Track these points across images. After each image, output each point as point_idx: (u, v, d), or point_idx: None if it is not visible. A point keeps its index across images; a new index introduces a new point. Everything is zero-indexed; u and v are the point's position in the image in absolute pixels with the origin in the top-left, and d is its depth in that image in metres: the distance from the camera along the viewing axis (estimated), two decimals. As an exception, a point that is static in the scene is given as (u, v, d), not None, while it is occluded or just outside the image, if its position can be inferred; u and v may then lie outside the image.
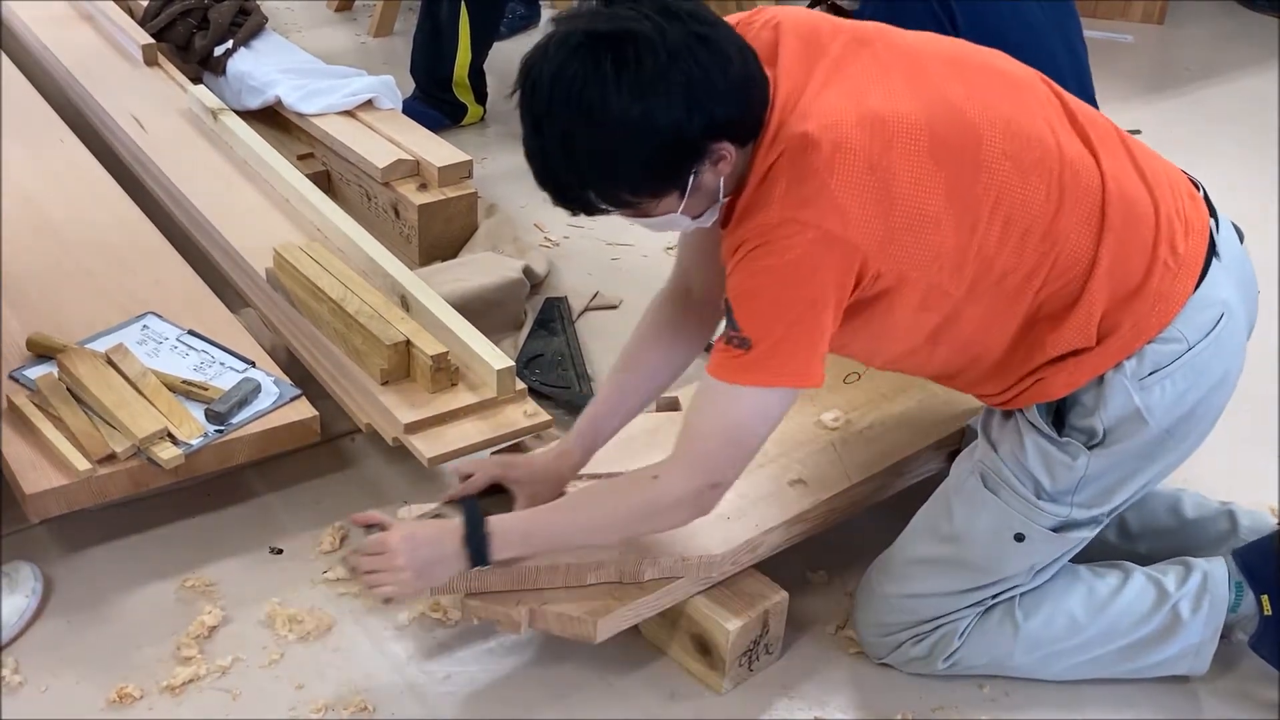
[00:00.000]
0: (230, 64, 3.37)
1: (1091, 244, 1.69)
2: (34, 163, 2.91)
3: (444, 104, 3.62)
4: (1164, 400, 1.75)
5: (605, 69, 1.51)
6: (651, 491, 1.73)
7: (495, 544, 1.78)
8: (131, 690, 1.88)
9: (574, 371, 2.61)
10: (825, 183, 1.57)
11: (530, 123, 1.61)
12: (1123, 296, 1.71)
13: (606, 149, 1.55)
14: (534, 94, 1.58)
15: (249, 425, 2.16)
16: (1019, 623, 1.91)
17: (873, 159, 1.58)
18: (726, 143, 1.58)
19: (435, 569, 1.78)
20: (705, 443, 1.70)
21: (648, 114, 1.52)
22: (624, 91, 1.51)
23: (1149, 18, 4.74)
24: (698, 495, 1.72)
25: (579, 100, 1.53)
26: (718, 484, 1.72)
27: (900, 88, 1.64)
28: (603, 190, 1.61)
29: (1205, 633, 1.91)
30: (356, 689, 1.92)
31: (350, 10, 4.49)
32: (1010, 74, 1.74)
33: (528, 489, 1.93)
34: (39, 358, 2.25)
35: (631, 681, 1.96)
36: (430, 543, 1.79)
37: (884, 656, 1.98)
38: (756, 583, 1.95)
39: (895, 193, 1.59)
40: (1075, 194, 1.68)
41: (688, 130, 1.54)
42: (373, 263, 2.50)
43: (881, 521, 2.20)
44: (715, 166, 1.60)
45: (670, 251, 3.10)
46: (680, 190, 1.61)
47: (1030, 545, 1.84)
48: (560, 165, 1.60)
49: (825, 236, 1.57)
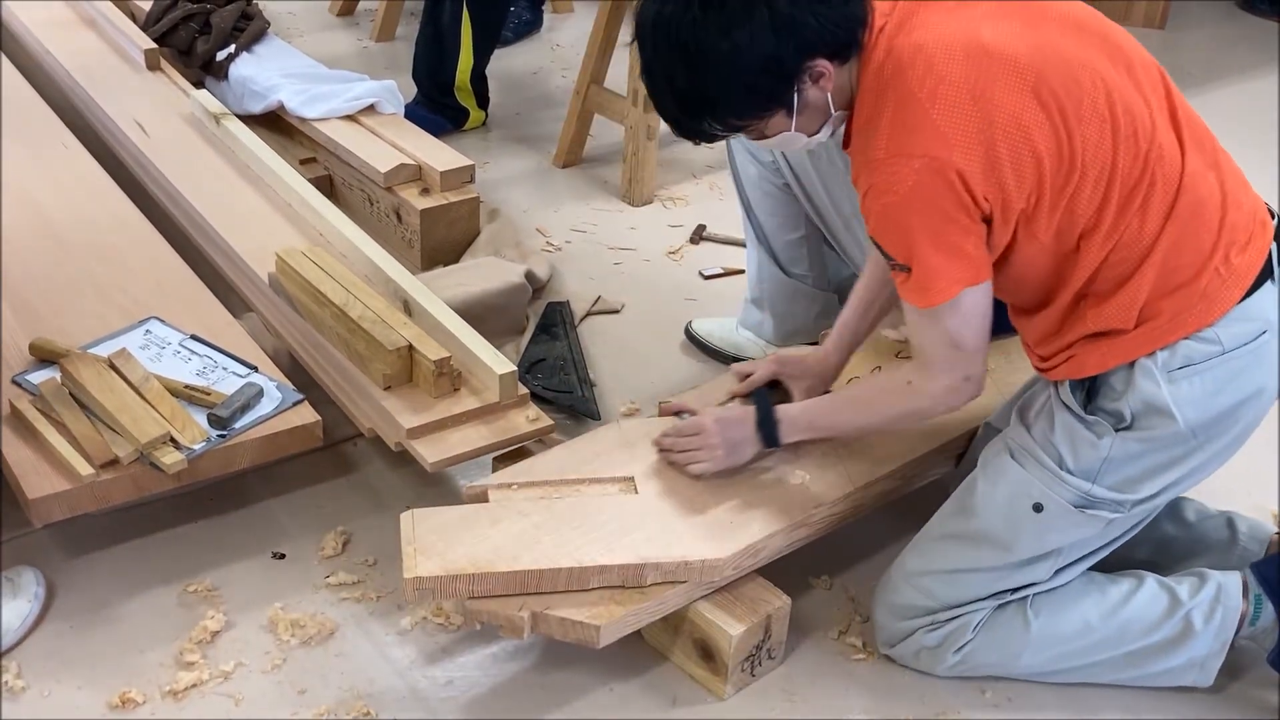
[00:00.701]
0: (232, 68, 3.37)
1: (1156, 228, 1.74)
2: (37, 167, 2.91)
3: (446, 109, 3.62)
4: (1191, 396, 1.76)
5: (694, 10, 1.67)
6: (911, 395, 1.89)
7: (784, 429, 2.00)
8: (134, 695, 1.88)
9: (576, 376, 2.61)
10: (928, 111, 1.67)
11: (643, 65, 1.77)
12: (1169, 288, 1.75)
13: (704, 83, 1.71)
14: (641, 38, 1.75)
15: (251, 430, 2.16)
16: (1030, 621, 1.92)
17: (976, 90, 1.66)
18: (823, 60, 1.70)
19: (740, 448, 2.01)
20: (934, 353, 1.83)
21: (736, 47, 1.66)
22: (711, 29, 1.66)
23: (1150, 21, 4.75)
24: (951, 390, 1.85)
25: (674, 43, 1.70)
26: (968, 376, 1.84)
27: (1016, 30, 1.71)
28: (714, 118, 1.76)
29: (1214, 645, 1.91)
30: (359, 694, 1.92)
31: (352, 15, 4.50)
32: (1127, 50, 1.79)
33: (802, 383, 2.17)
34: (42, 362, 2.25)
35: (634, 686, 1.96)
36: (735, 423, 2.02)
37: (895, 644, 1.98)
38: (759, 588, 1.95)
39: (997, 123, 1.66)
40: (1156, 176, 1.73)
41: (778, 56, 1.67)
42: (375, 267, 2.50)
43: (884, 527, 2.20)
44: (817, 84, 1.72)
45: (673, 256, 3.11)
46: (787, 109, 1.75)
47: (1047, 518, 1.84)
48: (670, 100, 1.77)
49: (931, 162, 1.66)
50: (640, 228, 3.23)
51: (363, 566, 2.15)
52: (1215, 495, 2.15)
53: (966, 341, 1.80)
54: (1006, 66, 1.67)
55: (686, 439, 2.04)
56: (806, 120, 1.78)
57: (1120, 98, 1.71)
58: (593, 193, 3.40)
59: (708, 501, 1.99)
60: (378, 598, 2.09)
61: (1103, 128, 1.70)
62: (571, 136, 3.50)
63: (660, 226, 3.23)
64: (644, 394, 2.61)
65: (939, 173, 1.66)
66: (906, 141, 1.67)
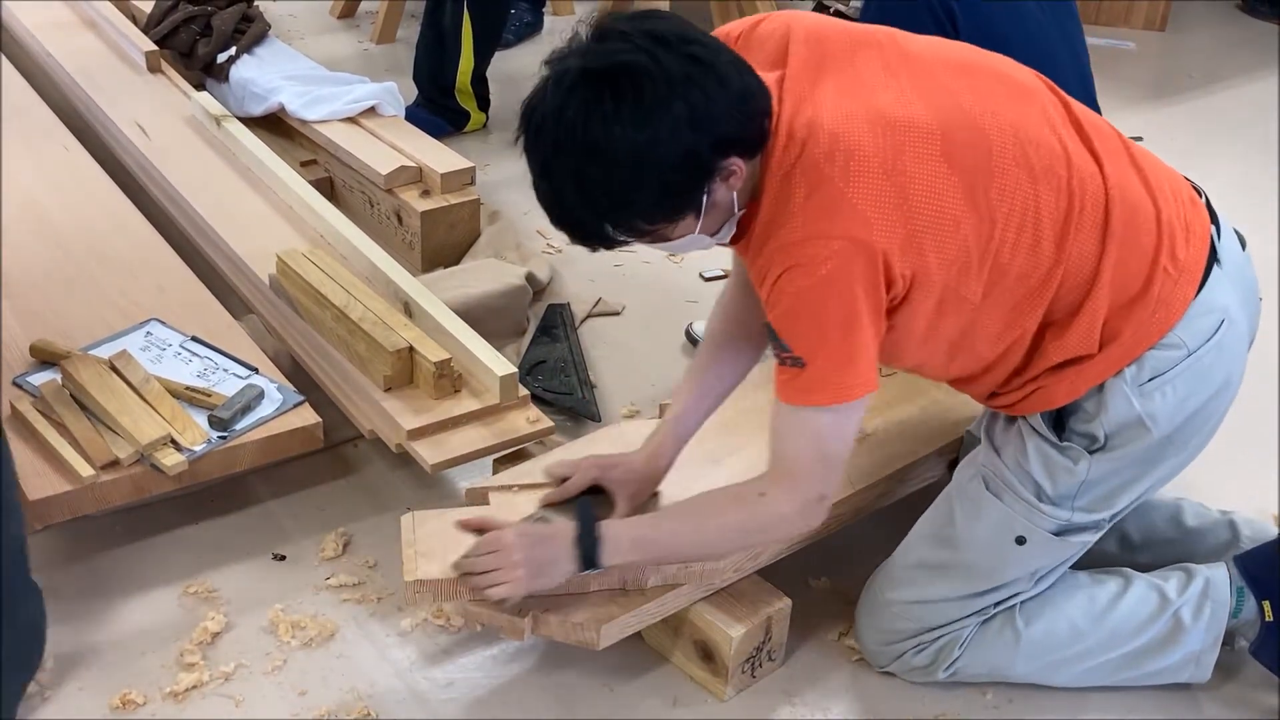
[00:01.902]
0: (233, 70, 3.37)
1: (1096, 250, 1.70)
2: (38, 169, 2.91)
3: (447, 111, 3.62)
4: (1165, 406, 1.75)
5: (605, 104, 1.53)
6: (760, 510, 1.74)
7: (607, 549, 1.77)
8: (134, 696, 1.88)
9: (576, 378, 2.61)
10: (842, 191, 1.58)
11: (538, 167, 1.62)
12: (1124, 303, 1.72)
13: (618, 182, 1.56)
14: (538, 137, 1.59)
15: (252, 432, 2.16)
16: (1019, 630, 1.91)
17: (887, 163, 1.59)
18: (735, 158, 1.59)
19: (548, 569, 1.77)
20: (796, 463, 1.71)
21: (654, 141, 1.53)
22: (627, 124, 1.52)
23: (1150, 24, 4.74)
24: (805, 509, 1.73)
25: (584, 138, 1.54)
26: (823, 495, 1.73)
27: (910, 92, 1.65)
28: (619, 222, 1.62)
29: (1206, 639, 1.91)
30: (359, 695, 1.92)
31: (353, 17, 4.50)
32: (1016, 80, 1.75)
33: (627, 489, 1.93)
34: (43, 364, 2.25)
35: (634, 688, 1.96)
36: (544, 542, 1.79)
37: (886, 665, 1.98)
38: (759, 589, 1.95)
39: (912, 195, 1.60)
40: (1082, 200, 1.69)
41: (696, 152, 1.55)
42: (376, 269, 2.50)
43: (883, 528, 2.20)
44: (727, 182, 1.61)
45: (672, 258, 3.11)
46: (695, 211, 1.62)
47: (1031, 549, 1.84)
48: (574, 204, 1.61)
49: (851, 244, 1.58)
50: (641, 230, 3.23)
51: (363, 568, 2.15)
52: (1216, 497, 2.15)
53: (836, 454, 1.70)
54: (911, 133, 1.61)
55: (485, 558, 1.78)
56: (710, 221, 1.65)
57: (1028, 134, 1.67)
58: (593, 195, 3.39)
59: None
60: (378, 599, 2.09)
61: (1018, 173, 1.65)
62: (572, 139, 3.49)
63: (661, 228, 3.23)
64: (644, 396, 2.61)
65: (858, 253, 1.57)
66: (824, 223, 1.58)
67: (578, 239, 1.66)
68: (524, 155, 1.64)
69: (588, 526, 1.78)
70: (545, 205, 1.64)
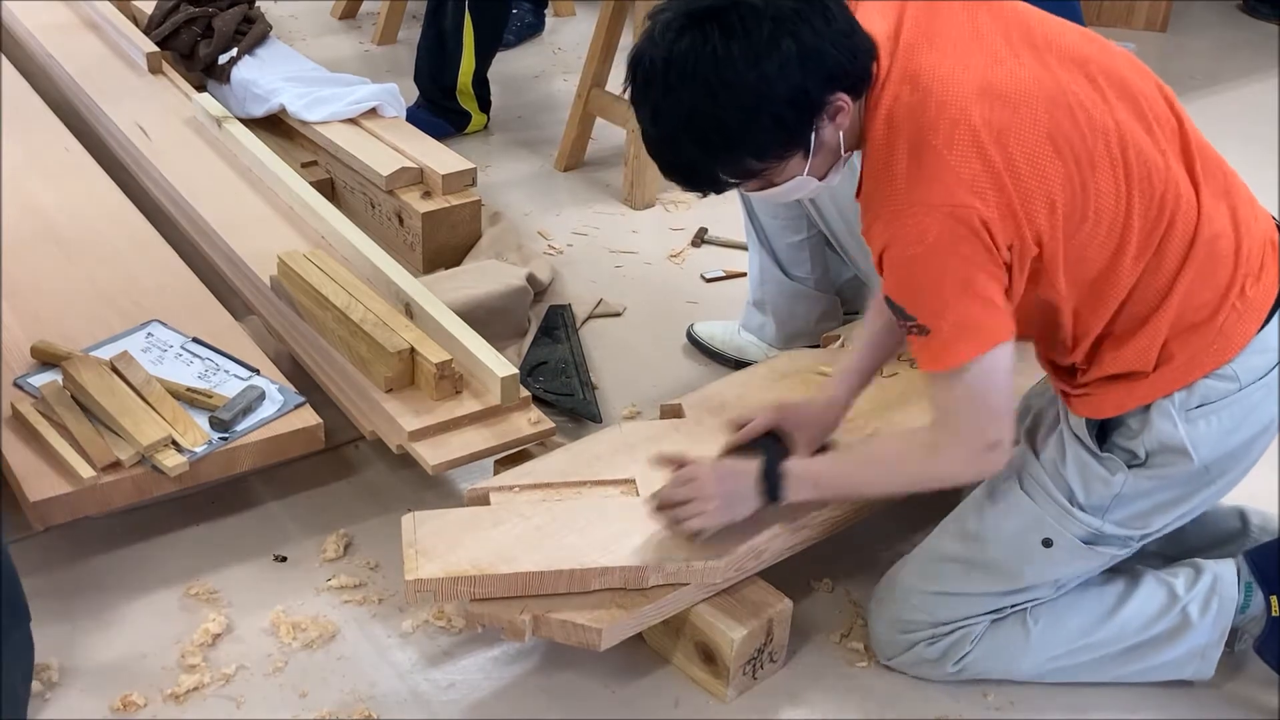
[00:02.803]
0: (234, 72, 3.37)
1: (1174, 270, 1.70)
2: (39, 170, 2.91)
3: (448, 112, 3.62)
4: (1208, 435, 1.75)
5: (714, 42, 1.55)
6: (931, 463, 1.76)
7: (790, 484, 1.84)
8: (135, 698, 1.88)
9: (578, 379, 2.61)
10: (944, 158, 1.59)
11: (649, 113, 1.63)
12: (1185, 328, 1.72)
13: (730, 119, 1.59)
14: (649, 82, 1.61)
15: (253, 433, 2.16)
16: (1030, 628, 1.92)
17: (992, 135, 1.60)
18: (842, 94, 1.61)
19: (738, 503, 1.85)
20: (958, 418, 1.72)
21: (765, 77, 1.56)
22: (737, 59, 1.55)
23: (1152, 25, 4.75)
24: (978, 459, 1.73)
25: (695, 77, 1.57)
26: (995, 442, 1.72)
27: (1027, 70, 1.65)
28: (730, 163, 1.65)
29: (1212, 635, 1.91)
30: (360, 697, 1.92)
31: (354, 18, 4.50)
32: (1134, 85, 1.73)
33: (805, 433, 1.99)
34: (44, 365, 2.25)
35: (635, 689, 1.96)
36: (735, 476, 1.86)
37: (894, 657, 1.98)
38: (761, 590, 1.95)
39: (1013, 170, 1.60)
40: (1172, 216, 1.69)
41: (806, 87, 1.58)
42: (377, 270, 2.50)
43: (886, 530, 2.20)
44: (834, 120, 1.63)
45: (674, 259, 3.11)
46: (805, 149, 1.65)
47: (1056, 553, 1.84)
48: (686, 146, 1.63)
49: (955, 210, 1.59)
50: (642, 231, 3.23)
51: (364, 569, 2.15)
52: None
53: (991, 404, 1.69)
54: (1021, 109, 1.61)
55: (682, 489, 1.88)
56: (820, 162, 1.69)
57: (1133, 140, 1.67)
58: (594, 196, 3.40)
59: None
60: (379, 600, 2.09)
61: (1115, 173, 1.65)
62: (573, 140, 3.50)
63: (662, 229, 3.24)
64: (645, 397, 2.61)
65: (964, 221, 1.59)
66: (927, 191, 1.59)
67: (688, 183, 1.70)
68: (631, 107, 1.66)
69: (773, 463, 1.85)
70: (655, 152, 1.67)
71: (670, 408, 2.24)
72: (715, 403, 2.22)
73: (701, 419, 2.18)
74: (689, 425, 2.17)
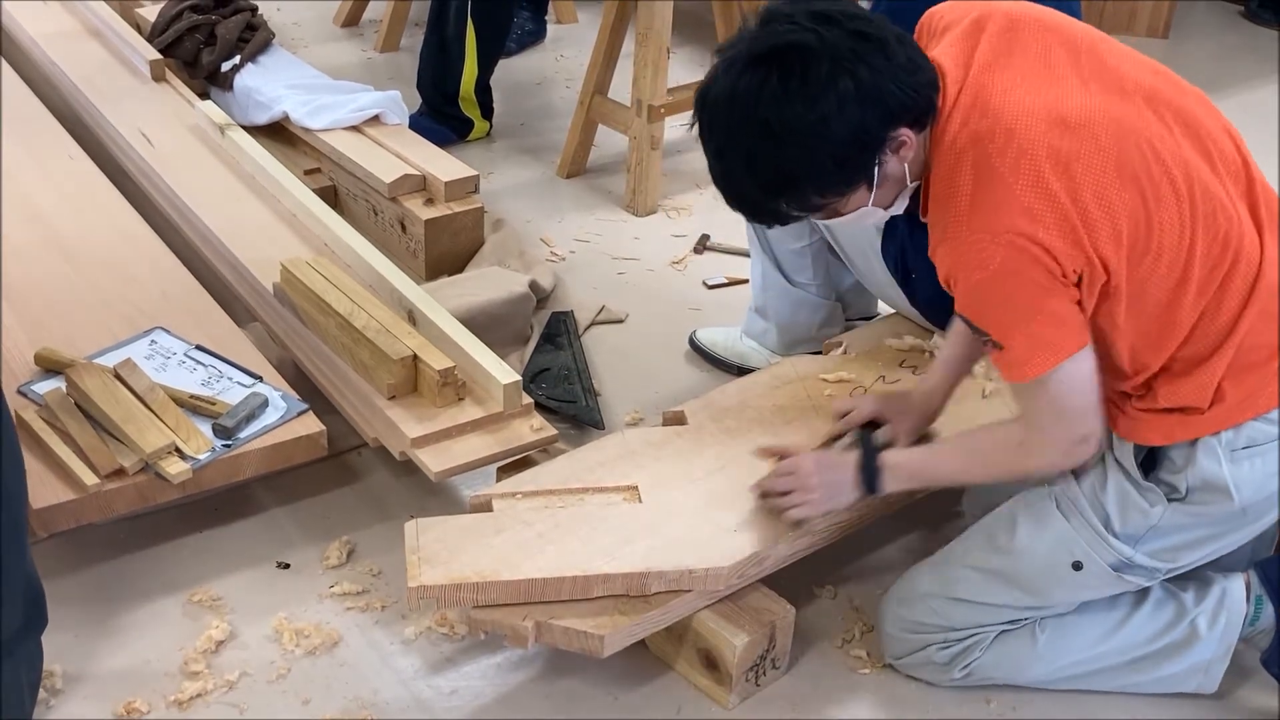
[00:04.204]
0: (237, 79, 3.38)
1: (1235, 311, 1.70)
2: (42, 178, 2.92)
3: (450, 119, 3.62)
4: (1252, 476, 1.74)
5: (773, 84, 1.58)
6: (1025, 458, 1.79)
7: (887, 476, 1.90)
8: (139, 705, 1.88)
9: (580, 385, 2.61)
10: (1010, 186, 1.60)
11: (713, 150, 1.68)
12: (1242, 369, 1.72)
13: (790, 159, 1.62)
14: (712, 121, 1.66)
15: (256, 440, 2.17)
16: (1037, 638, 1.92)
17: (1059, 165, 1.60)
18: (904, 129, 1.63)
19: (838, 493, 1.91)
20: (1044, 421, 1.75)
21: (824, 119, 1.59)
22: (796, 102, 1.58)
23: (1153, 31, 4.75)
24: (1070, 453, 1.77)
25: (755, 119, 1.60)
26: (1084, 437, 1.75)
27: (1097, 101, 1.66)
28: (794, 198, 1.69)
29: (1218, 649, 1.91)
30: (363, 703, 1.92)
31: (357, 26, 4.50)
32: (1202, 124, 1.73)
33: (905, 421, 2.05)
34: (47, 373, 2.26)
35: (638, 696, 1.96)
36: (835, 467, 1.93)
37: (901, 656, 1.98)
38: (763, 597, 1.95)
39: (1081, 198, 1.61)
40: (1236, 256, 1.69)
41: (866, 125, 1.60)
42: (380, 277, 2.50)
43: (889, 536, 2.20)
44: (898, 154, 1.65)
45: (676, 266, 3.11)
46: (868, 183, 1.68)
47: (1084, 577, 1.84)
48: (749, 185, 1.67)
49: (1018, 239, 1.60)
50: (644, 237, 3.24)
51: (367, 576, 2.15)
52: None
53: (1074, 406, 1.72)
54: (1089, 141, 1.61)
55: (784, 479, 1.94)
56: (884, 193, 1.71)
57: (1199, 177, 1.67)
58: (597, 203, 3.40)
59: (712, 510, 1.99)
60: (382, 607, 2.09)
61: (1180, 208, 1.65)
62: (575, 147, 3.50)
63: (664, 236, 3.24)
64: (648, 403, 2.61)
65: (1026, 250, 1.60)
66: (991, 218, 1.61)
67: (752, 217, 1.76)
68: (698, 141, 1.70)
69: (870, 455, 1.91)
70: (720, 186, 1.71)
71: (673, 414, 2.25)
72: (717, 409, 2.23)
73: (704, 425, 2.18)
74: (691, 432, 2.17)
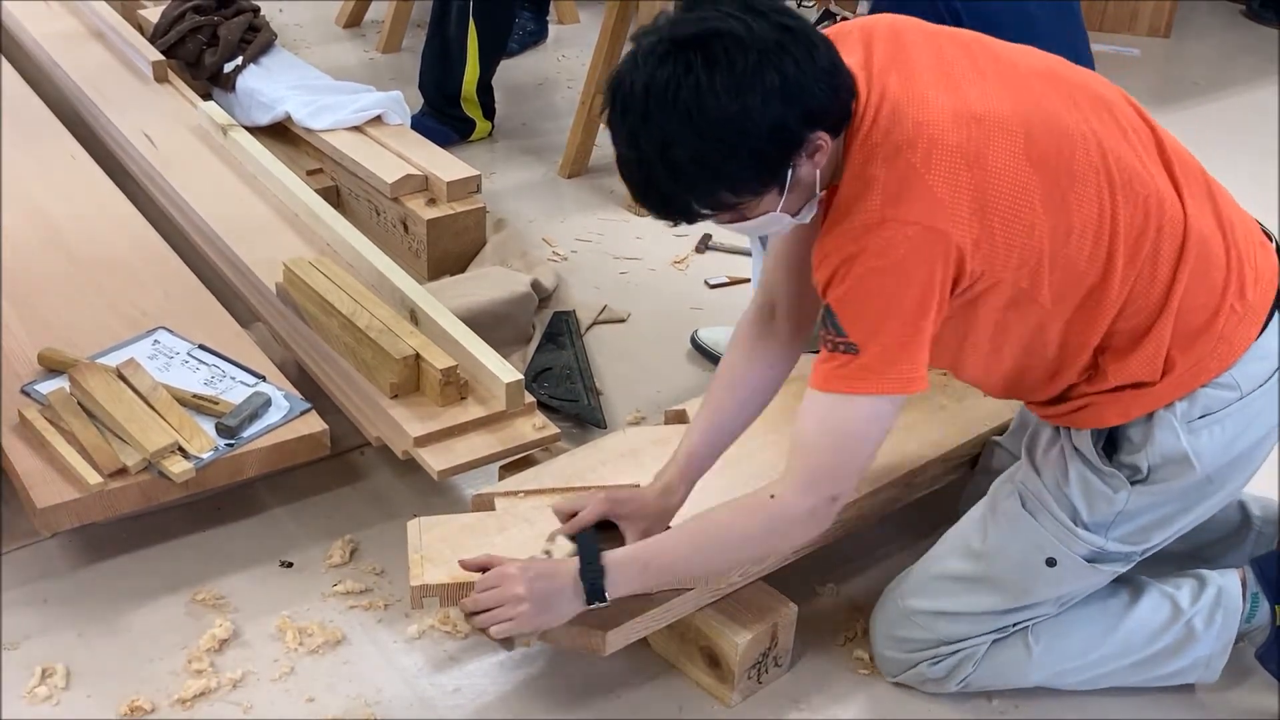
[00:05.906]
0: (240, 80, 3.39)
1: (1168, 277, 1.69)
2: (45, 178, 2.92)
3: (452, 119, 3.63)
4: (1211, 445, 1.74)
5: (697, 71, 1.49)
6: (770, 512, 1.69)
7: (612, 578, 1.73)
8: (142, 703, 1.88)
9: (582, 385, 2.62)
10: (923, 178, 1.57)
11: (625, 137, 1.56)
12: (1186, 335, 1.71)
13: (708, 150, 1.52)
14: (627, 107, 1.54)
15: (259, 439, 2.17)
16: (1031, 646, 1.91)
17: (970, 157, 1.58)
18: (822, 132, 1.57)
19: (553, 603, 1.74)
20: (819, 456, 1.67)
21: (746, 110, 1.49)
22: (719, 91, 1.49)
23: (1155, 30, 4.75)
24: (815, 511, 1.68)
25: (675, 105, 1.50)
26: (835, 496, 1.68)
27: (997, 91, 1.64)
28: (705, 194, 1.58)
29: (1217, 645, 1.92)
30: (366, 702, 1.92)
31: (359, 26, 4.51)
32: (1104, 96, 1.73)
33: (638, 525, 1.87)
34: (50, 372, 2.26)
35: (640, 694, 1.96)
36: (547, 575, 1.75)
37: (898, 675, 1.97)
38: (765, 595, 1.95)
39: (992, 192, 1.58)
40: (1159, 221, 1.68)
41: (786, 123, 1.53)
42: (382, 277, 2.51)
43: (891, 534, 2.20)
44: (812, 158, 1.58)
45: (678, 265, 3.12)
46: (780, 186, 1.59)
47: (1060, 572, 1.83)
48: (661, 174, 1.56)
49: (927, 232, 1.56)
50: (646, 237, 3.24)
51: (370, 575, 2.15)
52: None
53: (860, 454, 1.66)
54: (996, 130, 1.59)
55: (488, 594, 1.75)
56: (794, 199, 1.62)
57: (1111, 148, 1.66)
58: (598, 202, 3.41)
59: (714, 509, 1.99)
60: (385, 606, 2.09)
61: (1099, 182, 1.64)
62: (577, 146, 3.51)
63: (666, 236, 3.24)
64: (650, 403, 2.62)
65: (934, 243, 1.56)
66: (902, 208, 1.56)
67: (660, 212, 1.62)
68: (608, 129, 1.59)
69: (591, 558, 1.75)
70: (629, 178, 1.60)
71: (674, 413, 2.25)
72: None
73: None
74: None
